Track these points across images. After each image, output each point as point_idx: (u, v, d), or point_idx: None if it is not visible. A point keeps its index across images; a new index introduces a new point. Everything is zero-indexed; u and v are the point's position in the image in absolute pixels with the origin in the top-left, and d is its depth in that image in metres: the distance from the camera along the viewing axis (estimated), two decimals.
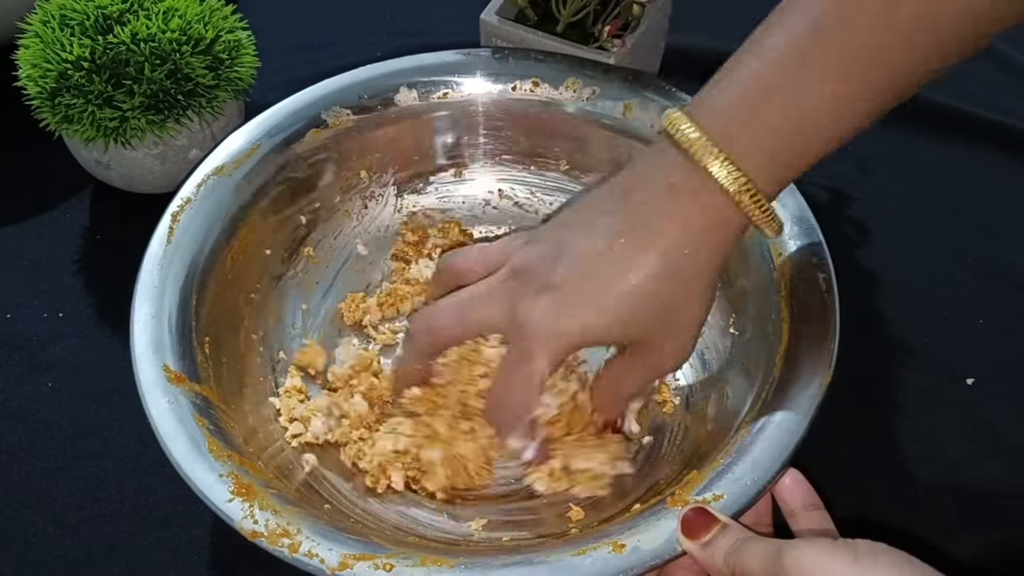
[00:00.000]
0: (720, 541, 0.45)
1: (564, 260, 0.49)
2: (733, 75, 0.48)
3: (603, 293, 0.48)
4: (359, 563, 0.46)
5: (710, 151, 0.46)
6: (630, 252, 0.48)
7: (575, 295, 0.49)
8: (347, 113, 0.66)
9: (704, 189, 0.47)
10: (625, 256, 0.48)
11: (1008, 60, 0.84)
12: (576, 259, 0.49)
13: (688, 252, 0.48)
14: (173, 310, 0.56)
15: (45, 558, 0.58)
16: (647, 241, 0.48)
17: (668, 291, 0.48)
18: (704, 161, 0.46)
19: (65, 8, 0.67)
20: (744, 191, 0.46)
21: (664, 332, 0.50)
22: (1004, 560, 0.59)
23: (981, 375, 0.66)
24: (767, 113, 0.46)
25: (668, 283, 0.48)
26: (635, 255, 0.48)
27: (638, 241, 0.48)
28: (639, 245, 0.48)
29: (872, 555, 0.41)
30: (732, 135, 0.47)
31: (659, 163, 0.49)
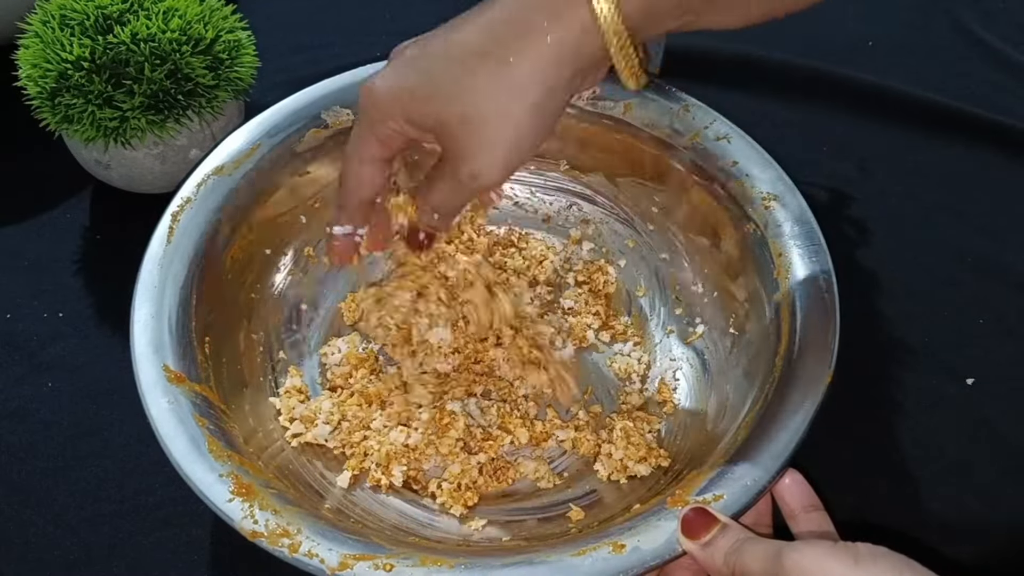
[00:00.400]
0: (720, 541, 0.45)
1: (419, 41, 0.49)
2: None
3: (429, 63, 0.47)
4: (359, 563, 0.46)
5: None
6: (475, 40, 0.46)
7: (408, 62, 0.48)
8: (347, 113, 0.66)
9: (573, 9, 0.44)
10: (467, 42, 0.46)
11: (1008, 60, 0.85)
12: (428, 38, 0.48)
13: (531, 59, 0.45)
14: (173, 310, 0.56)
15: (45, 558, 0.58)
16: (499, 37, 0.46)
17: (492, 86, 0.46)
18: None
19: (65, 8, 0.67)
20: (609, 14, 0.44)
21: (473, 132, 0.47)
22: (1004, 561, 0.59)
23: (981, 375, 0.66)
24: None
25: (494, 79, 0.46)
26: (478, 42, 0.46)
27: (487, 33, 0.46)
28: (487, 36, 0.46)
29: (872, 558, 0.41)
30: None
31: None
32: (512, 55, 0.45)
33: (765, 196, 0.61)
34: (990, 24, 0.87)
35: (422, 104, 0.47)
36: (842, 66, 0.83)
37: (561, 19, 0.45)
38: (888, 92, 0.81)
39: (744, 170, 0.62)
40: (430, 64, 0.47)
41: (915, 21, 0.88)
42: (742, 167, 0.62)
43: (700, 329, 0.63)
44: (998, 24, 0.87)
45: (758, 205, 0.60)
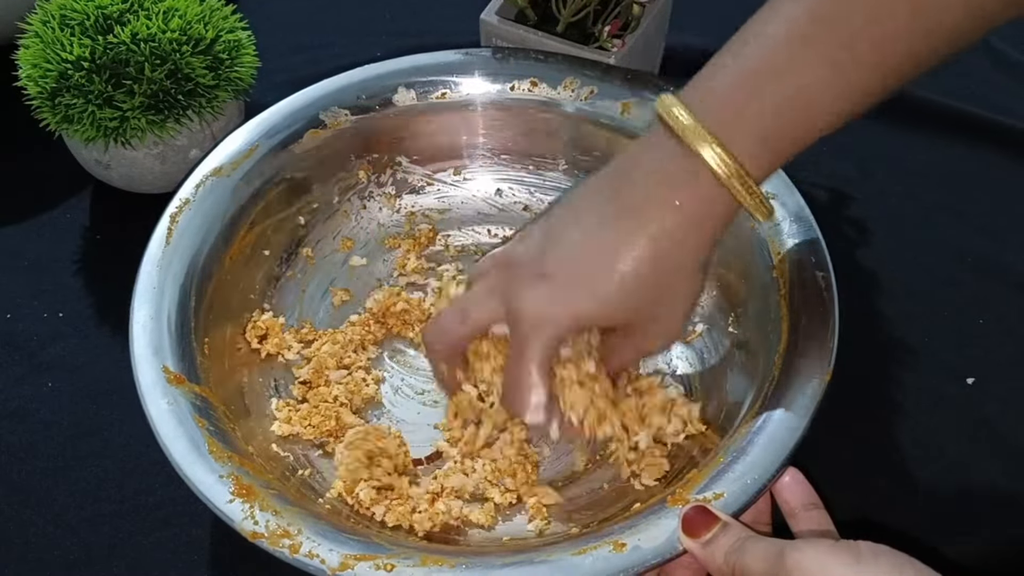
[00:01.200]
0: (721, 540, 0.45)
1: (555, 249, 0.50)
2: (728, 59, 0.48)
3: (593, 279, 0.49)
4: (360, 563, 0.46)
5: (702, 136, 0.46)
6: (620, 238, 0.48)
7: (566, 282, 0.49)
8: (345, 113, 0.66)
9: (695, 175, 0.47)
10: (615, 242, 0.48)
11: (1008, 60, 0.84)
12: (566, 247, 0.50)
13: (678, 238, 0.48)
14: (172, 311, 0.56)
15: (45, 558, 0.58)
16: (636, 227, 0.48)
17: (657, 276, 0.49)
18: (696, 146, 0.46)
19: (65, 8, 0.67)
20: (735, 177, 0.46)
21: (653, 314, 0.50)
22: (1004, 560, 0.59)
23: (981, 375, 0.66)
24: (761, 98, 0.46)
25: (657, 268, 0.48)
26: (625, 241, 0.48)
27: (628, 227, 0.48)
28: (629, 231, 0.48)
29: (874, 556, 0.41)
30: (725, 120, 0.46)
31: (651, 149, 0.49)
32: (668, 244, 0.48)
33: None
34: None
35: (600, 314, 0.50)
36: None
37: (684, 190, 0.47)
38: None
39: None
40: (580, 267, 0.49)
41: None
42: None
43: (699, 328, 0.63)
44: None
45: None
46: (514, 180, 0.70)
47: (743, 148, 0.46)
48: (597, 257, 0.49)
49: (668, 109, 0.47)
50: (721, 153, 0.46)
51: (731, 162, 0.46)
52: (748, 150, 0.46)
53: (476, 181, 0.71)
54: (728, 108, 0.47)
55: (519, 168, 0.70)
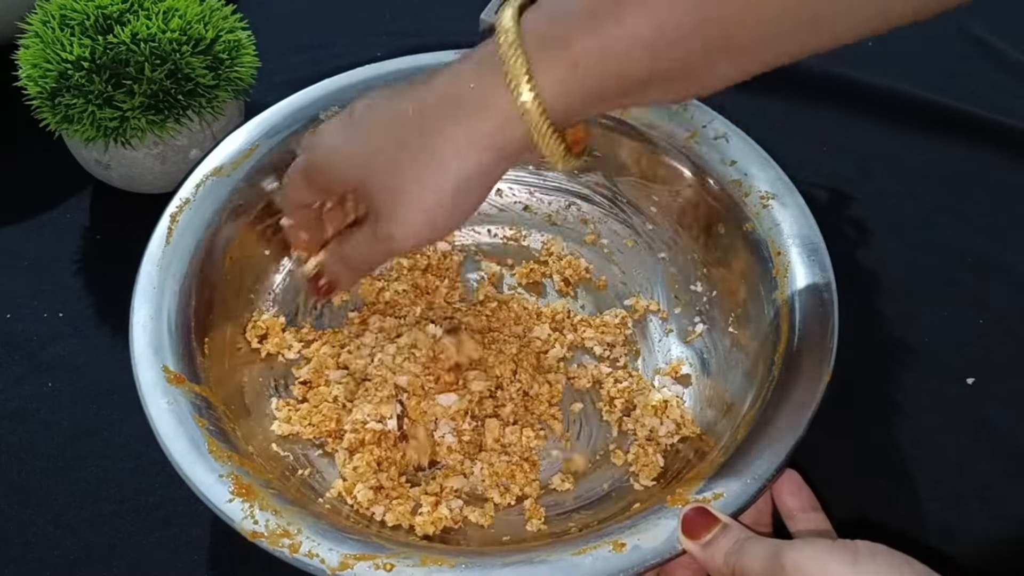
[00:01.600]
0: (721, 541, 0.45)
1: (371, 100, 0.50)
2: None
3: (364, 126, 0.50)
4: (359, 563, 0.46)
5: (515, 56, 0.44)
6: (405, 109, 0.48)
7: (353, 124, 0.50)
8: None
9: (500, 92, 0.45)
10: (400, 112, 0.48)
11: (1008, 60, 0.85)
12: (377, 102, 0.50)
13: (449, 141, 0.47)
14: (172, 311, 0.56)
15: (45, 558, 0.58)
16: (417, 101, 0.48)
17: (410, 160, 0.48)
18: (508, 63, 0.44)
19: (65, 8, 0.67)
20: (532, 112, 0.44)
21: (394, 198, 0.49)
22: (1004, 560, 0.59)
23: (981, 375, 0.66)
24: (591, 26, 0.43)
25: (414, 152, 0.47)
26: (406, 113, 0.48)
27: (412, 98, 0.48)
28: (411, 99, 0.48)
29: (872, 556, 0.41)
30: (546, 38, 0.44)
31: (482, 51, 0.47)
32: (440, 134, 0.47)
33: (764, 195, 0.61)
34: (990, 24, 0.87)
35: (354, 168, 0.50)
36: (842, 66, 0.83)
37: (487, 108, 0.46)
38: (888, 92, 0.81)
39: (742, 169, 0.62)
40: (367, 129, 0.49)
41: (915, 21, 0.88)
42: (740, 166, 0.62)
43: (699, 328, 0.63)
44: (998, 24, 0.87)
45: (756, 204, 0.60)
46: (513, 180, 0.70)
47: (552, 83, 0.44)
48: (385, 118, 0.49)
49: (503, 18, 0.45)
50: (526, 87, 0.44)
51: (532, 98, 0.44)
52: (556, 87, 0.44)
53: None
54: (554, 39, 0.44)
55: (518, 168, 0.70)
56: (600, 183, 0.69)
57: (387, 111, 0.49)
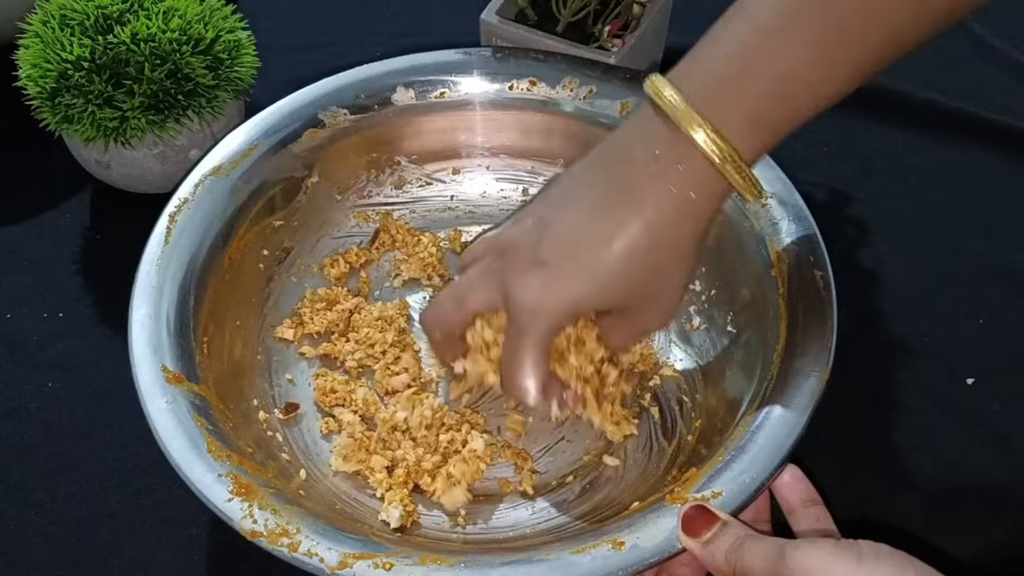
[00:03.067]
0: (721, 539, 0.45)
1: (549, 235, 0.50)
2: (719, 40, 0.47)
3: (589, 265, 0.49)
4: (359, 562, 0.46)
5: (693, 118, 0.46)
6: (614, 223, 0.48)
7: (562, 269, 0.49)
8: (344, 113, 0.66)
9: (687, 158, 0.46)
10: (609, 227, 0.48)
11: (1008, 60, 0.85)
12: (560, 233, 0.50)
13: (671, 221, 0.48)
14: (171, 311, 0.56)
15: (45, 558, 0.58)
16: (630, 212, 0.48)
17: (652, 260, 0.49)
18: (687, 129, 0.46)
19: (65, 8, 0.67)
20: (728, 160, 0.46)
21: (649, 297, 0.51)
22: (1005, 560, 0.59)
23: (981, 375, 0.66)
24: (753, 77, 0.46)
25: (652, 252, 0.49)
26: (620, 225, 0.48)
27: (622, 212, 0.48)
28: (623, 215, 0.48)
29: (875, 556, 0.41)
30: (716, 101, 0.46)
31: (642, 131, 0.48)
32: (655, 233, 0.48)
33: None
34: (990, 24, 0.87)
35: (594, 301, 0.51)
36: None
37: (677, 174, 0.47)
38: (888, 92, 0.81)
39: None
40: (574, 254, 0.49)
41: None
42: None
43: (697, 323, 0.63)
44: (998, 24, 0.87)
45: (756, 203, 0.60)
46: (513, 179, 0.70)
47: (734, 130, 0.46)
48: (592, 243, 0.49)
49: (659, 91, 0.47)
50: (714, 136, 0.46)
51: (724, 145, 0.46)
52: (739, 132, 0.46)
53: (475, 181, 0.71)
54: (718, 90, 0.46)
55: (518, 167, 0.70)
56: None
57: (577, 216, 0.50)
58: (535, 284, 0.50)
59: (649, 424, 0.60)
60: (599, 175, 0.50)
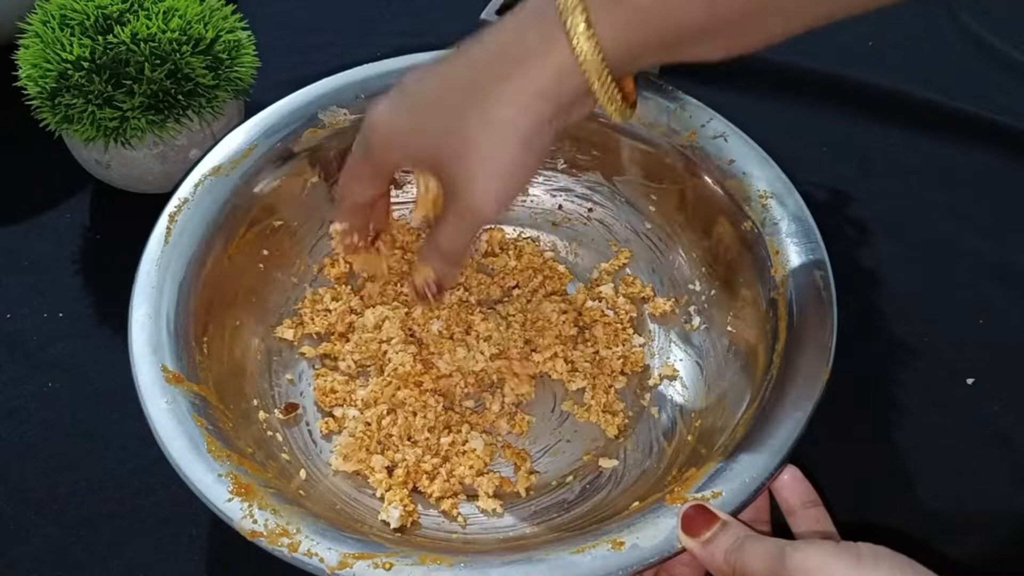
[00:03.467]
0: (721, 539, 0.45)
1: (417, 72, 0.50)
2: None
3: (417, 98, 0.49)
4: (358, 562, 0.46)
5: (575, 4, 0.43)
6: (457, 74, 0.48)
7: (404, 98, 0.50)
8: (344, 112, 0.66)
9: (555, 37, 0.44)
10: (452, 78, 0.48)
11: (1008, 60, 0.85)
12: (424, 73, 0.50)
13: (516, 96, 0.46)
14: (171, 311, 0.56)
15: (45, 558, 0.58)
16: (474, 68, 0.47)
17: (478, 124, 0.47)
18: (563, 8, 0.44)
19: (65, 8, 0.67)
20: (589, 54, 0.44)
21: (464, 168, 0.48)
22: (1004, 561, 0.59)
23: (981, 375, 0.66)
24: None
25: (480, 118, 0.47)
26: (458, 77, 0.48)
27: (464, 61, 0.48)
28: (462, 63, 0.48)
29: (874, 558, 0.41)
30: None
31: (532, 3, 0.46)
32: (498, 93, 0.46)
33: (762, 194, 0.61)
34: (990, 24, 0.87)
35: (417, 142, 0.50)
36: (842, 66, 0.83)
37: (542, 57, 0.45)
38: (888, 92, 0.81)
39: (741, 168, 0.62)
40: (424, 102, 0.49)
41: (916, 21, 0.88)
42: (739, 165, 0.62)
43: (698, 327, 0.63)
44: (998, 24, 0.87)
45: (755, 203, 0.60)
46: None
47: (609, 28, 0.44)
48: (436, 86, 0.49)
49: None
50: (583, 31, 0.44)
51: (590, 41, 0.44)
52: (613, 32, 0.44)
53: None
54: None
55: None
56: (599, 182, 0.69)
57: (439, 79, 0.49)
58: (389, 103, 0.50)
59: (649, 424, 0.61)
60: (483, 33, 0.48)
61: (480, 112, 0.47)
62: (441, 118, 0.48)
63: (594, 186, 0.69)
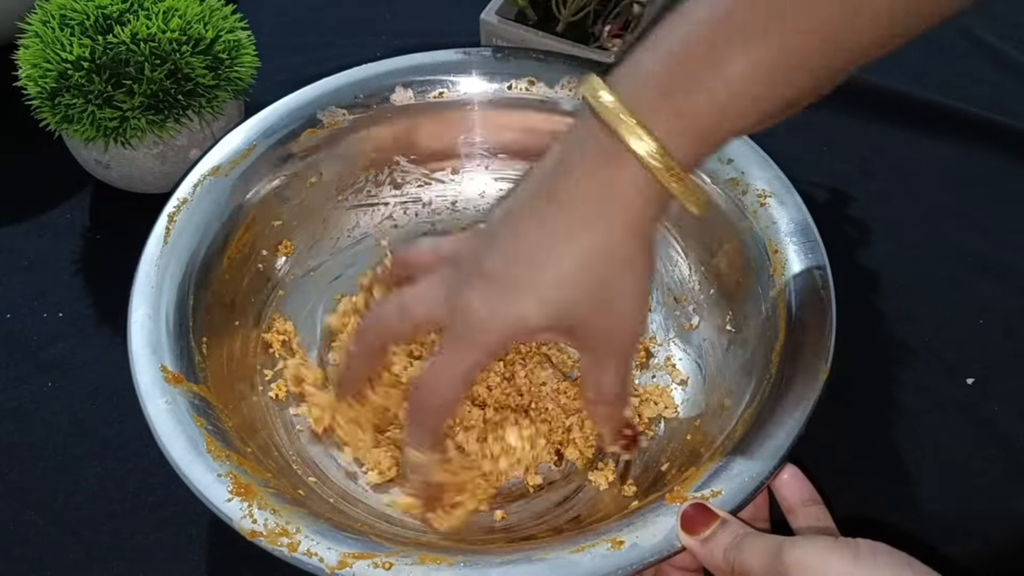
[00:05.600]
0: (720, 537, 0.45)
1: (496, 248, 0.48)
2: (658, 38, 0.45)
3: (537, 280, 0.47)
4: (358, 562, 0.46)
5: (622, 118, 0.44)
6: (557, 236, 0.46)
7: (509, 283, 0.47)
8: (343, 113, 0.66)
9: (621, 159, 0.44)
10: (551, 241, 0.47)
11: (1008, 60, 0.85)
12: (508, 247, 0.47)
13: (616, 230, 0.46)
14: (170, 311, 0.56)
15: (45, 558, 0.58)
16: (572, 222, 0.46)
17: (597, 270, 0.46)
18: (617, 128, 0.44)
19: (65, 8, 0.67)
20: (661, 165, 0.44)
21: (606, 314, 0.48)
22: (1004, 561, 0.59)
23: (981, 375, 0.66)
24: (690, 76, 0.43)
25: (599, 264, 0.46)
26: (562, 238, 0.46)
27: (564, 223, 0.46)
28: (565, 227, 0.46)
29: (872, 554, 0.41)
30: (649, 100, 0.44)
31: (579, 136, 0.46)
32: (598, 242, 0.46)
33: (761, 193, 0.61)
34: (990, 24, 0.87)
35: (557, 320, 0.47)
36: None
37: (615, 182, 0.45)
38: (888, 92, 0.81)
39: (739, 167, 0.62)
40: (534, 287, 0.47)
41: None
42: (737, 164, 0.62)
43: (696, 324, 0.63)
44: (998, 24, 0.87)
45: (754, 202, 0.60)
46: (512, 179, 0.70)
47: (667, 129, 0.44)
48: (536, 257, 0.47)
49: (594, 91, 0.45)
50: (642, 134, 0.43)
51: (654, 146, 0.43)
52: (673, 131, 0.44)
53: (474, 180, 0.71)
54: (653, 86, 0.44)
55: (516, 167, 0.70)
56: None
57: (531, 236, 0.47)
58: (482, 296, 0.47)
59: None
60: (544, 185, 0.47)
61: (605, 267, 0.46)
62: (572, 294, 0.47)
63: None
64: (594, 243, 0.46)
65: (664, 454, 0.58)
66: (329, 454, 0.59)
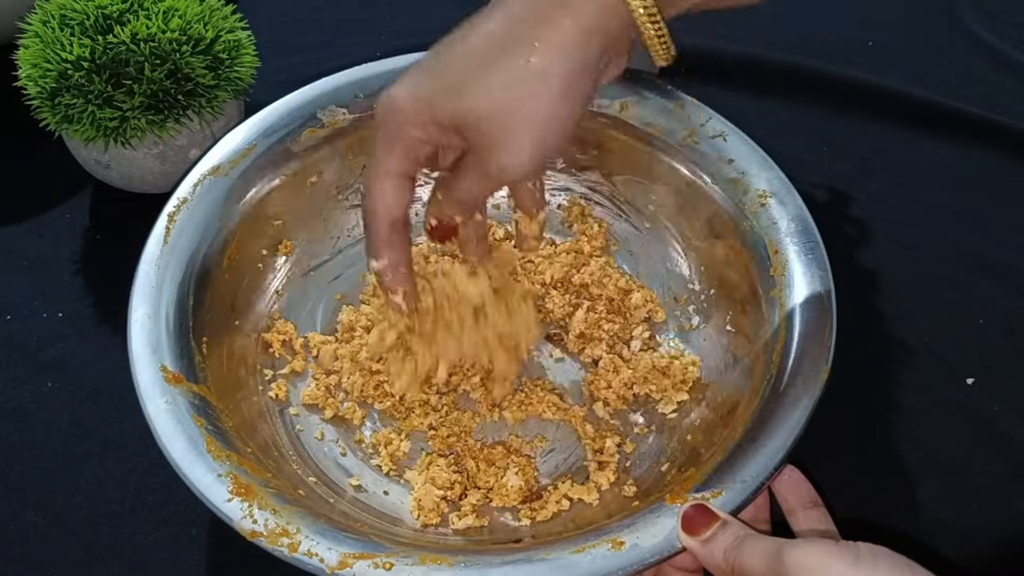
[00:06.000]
0: (720, 538, 0.45)
1: (436, 48, 0.47)
2: None
3: (450, 64, 0.45)
4: (358, 562, 0.46)
5: None
6: (487, 30, 0.45)
7: (422, 68, 0.46)
8: (343, 112, 0.66)
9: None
10: (481, 35, 0.45)
11: (1008, 60, 0.85)
12: (444, 43, 0.47)
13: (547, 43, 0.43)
14: (170, 310, 0.56)
15: (45, 558, 0.58)
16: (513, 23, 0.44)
17: (507, 76, 0.44)
18: None
19: (65, 8, 0.67)
20: None
21: (499, 124, 0.45)
22: (1004, 561, 0.59)
23: (981, 375, 0.66)
24: None
25: (508, 67, 0.44)
26: (489, 32, 0.45)
27: (498, 20, 0.45)
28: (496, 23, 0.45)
29: (873, 558, 0.41)
30: None
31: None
32: (534, 42, 0.43)
33: (761, 193, 0.61)
34: (990, 24, 0.87)
35: (444, 103, 0.45)
36: (842, 66, 0.83)
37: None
38: (888, 92, 0.81)
39: (740, 167, 0.62)
40: (450, 64, 0.45)
41: (915, 21, 0.88)
42: (738, 164, 0.62)
43: (698, 325, 0.63)
44: (998, 24, 0.87)
45: (754, 202, 0.60)
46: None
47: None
48: (464, 46, 0.45)
49: None
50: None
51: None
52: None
53: None
54: None
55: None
56: (598, 182, 0.69)
57: (464, 41, 0.45)
58: (404, 79, 0.47)
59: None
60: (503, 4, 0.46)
61: (515, 64, 0.43)
62: (471, 75, 0.44)
63: (594, 185, 0.69)
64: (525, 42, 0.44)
65: (664, 454, 0.58)
66: (329, 454, 0.59)
